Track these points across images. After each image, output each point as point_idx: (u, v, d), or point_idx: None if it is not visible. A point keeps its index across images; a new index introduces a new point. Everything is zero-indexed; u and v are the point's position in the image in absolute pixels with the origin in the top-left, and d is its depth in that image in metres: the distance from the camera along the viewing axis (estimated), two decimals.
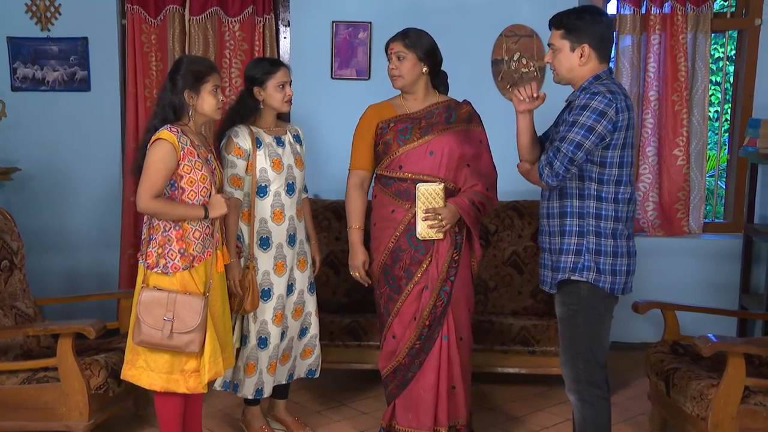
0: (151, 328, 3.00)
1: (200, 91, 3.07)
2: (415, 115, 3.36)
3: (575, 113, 2.74)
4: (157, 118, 3.08)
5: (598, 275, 2.83)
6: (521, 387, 4.33)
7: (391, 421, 3.41)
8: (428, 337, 3.28)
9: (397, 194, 3.32)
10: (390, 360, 3.37)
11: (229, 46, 4.82)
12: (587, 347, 2.89)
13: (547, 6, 4.72)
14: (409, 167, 3.29)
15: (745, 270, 4.81)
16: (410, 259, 3.29)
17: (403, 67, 3.30)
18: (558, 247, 2.89)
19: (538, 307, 4.48)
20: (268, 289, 3.47)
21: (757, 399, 3.21)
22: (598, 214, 2.82)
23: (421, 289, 3.28)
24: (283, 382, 3.64)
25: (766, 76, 4.85)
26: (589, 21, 2.84)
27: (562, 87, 4.68)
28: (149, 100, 4.83)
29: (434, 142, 3.29)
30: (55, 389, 3.38)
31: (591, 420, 2.92)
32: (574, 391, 2.96)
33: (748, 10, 4.88)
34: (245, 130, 3.42)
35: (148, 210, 3.03)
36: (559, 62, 2.89)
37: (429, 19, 4.76)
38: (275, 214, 3.46)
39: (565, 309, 2.91)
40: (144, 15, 4.80)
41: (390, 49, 3.34)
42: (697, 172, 4.90)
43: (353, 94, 4.87)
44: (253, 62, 3.59)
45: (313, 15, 4.84)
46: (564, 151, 2.72)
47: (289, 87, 3.48)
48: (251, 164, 3.39)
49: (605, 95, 2.73)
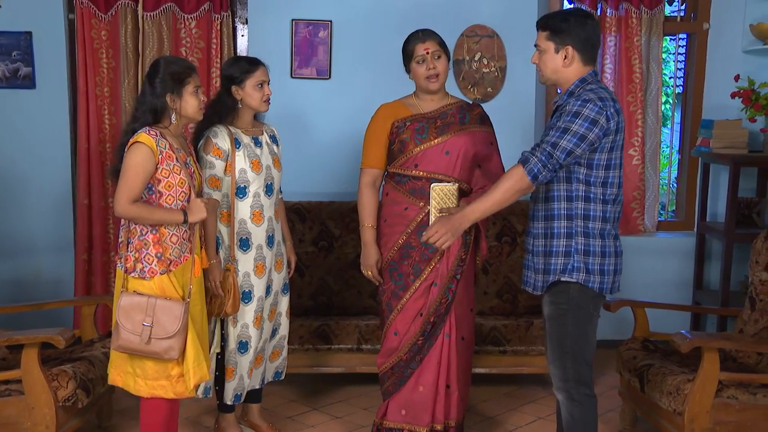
0: (129, 333, 2.92)
1: (182, 93, 3.00)
2: (430, 115, 3.37)
3: (567, 119, 2.75)
4: (137, 122, 2.99)
5: (588, 275, 2.86)
6: (491, 387, 4.33)
7: (383, 419, 3.39)
8: (431, 333, 3.29)
9: (411, 192, 3.32)
10: (389, 357, 3.35)
11: (186, 44, 4.68)
12: (576, 346, 2.91)
13: (508, 7, 4.82)
14: (425, 166, 3.30)
15: (698, 267, 4.95)
16: (420, 256, 3.30)
17: (441, 66, 3.31)
18: (547, 250, 2.89)
19: (504, 306, 4.51)
20: (249, 291, 3.39)
21: (729, 392, 3.29)
22: (586, 215, 2.85)
23: (428, 285, 3.29)
24: (257, 386, 3.55)
25: (714, 79, 4.99)
26: (574, 23, 2.86)
27: (522, 88, 4.82)
28: (101, 98, 4.66)
29: (450, 142, 3.30)
30: (19, 403, 3.20)
31: (579, 418, 2.94)
32: (561, 390, 2.97)
33: (697, 14, 5.02)
34: (224, 131, 3.34)
35: (125, 215, 2.95)
36: (544, 63, 2.91)
37: (390, 19, 4.77)
38: (255, 216, 3.39)
39: (554, 308, 2.92)
40: (94, 10, 4.61)
41: (424, 49, 3.29)
42: (652, 172, 5.02)
43: (314, 94, 4.81)
44: (230, 61, 3.53)
45: (272, 13, 4.74)
46: (556, 158, 2.74)
47: (267, 86, 3.42)
48: (230, 165, 3.31)
49: (596, 103, 2.75)
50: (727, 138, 4.61)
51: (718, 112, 4.89)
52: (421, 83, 3.33)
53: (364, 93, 4.80)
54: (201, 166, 3.27)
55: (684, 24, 5.10)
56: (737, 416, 3.27)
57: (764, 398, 3.27)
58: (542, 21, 2.94)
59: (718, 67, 4.96)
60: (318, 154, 4.81)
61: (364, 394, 4.23)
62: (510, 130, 4.77)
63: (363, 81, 4.80)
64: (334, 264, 4.50)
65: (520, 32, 4.78)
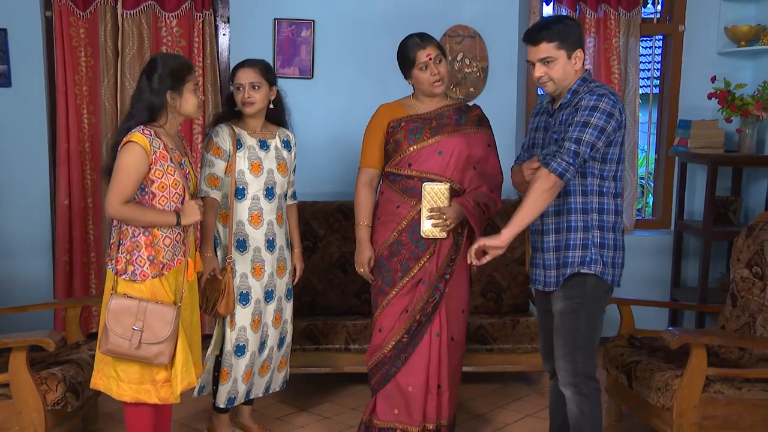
0: (118, 337, 2.85)
1: (182, 91, 2.94)
2: (426, 116, 3.39)
3: (585, 114, 2.79)
4: (132, 120, 2.93)
5: (604, 268, 2.92)
6: (477, 385, 4.36)
7: (371, 417, 3.39)
8: (417, 332, 3.30)
9: (404, 191, 3.34)
10: (374, 354, 3.37)
11: (167, 43, 4.64)
12: (587, 341, 2.95)
13: (490, 8, 4.85)
14: (418, 165, 3.32)
15: (676, 264, 5.03)
16: (409, 254, 3.32)
17: (444, 69, 3.32)
18: (562, 243, 2.93)
19: (488, 305, 4.53)
20: (246, 292, 3.38)
21: (716, 387, 3.34)
22: (600, 208, 2.91)
23: (416, 282, 3.31)
24: (260, 395, 3.54)
25: (688, 80, 5.08)
26: (573, 26, 2.91)
27: (504, 88, 4.86)
28: (80, 97, 4.60)
29: (444, 143, 3.32)
30: (6, 407, 3.14)
31: (588, 413, 2.98)
32: (570, 385, 2.99)
33: (673, 16, 5.11)
34: (226, 130, 3.34)
35: (117, 216, 2.89)
36: (555, 72, 2.88)
37: (372, 19, 4.78)
38: (252, 218, 3.37)
39: (568, 303, 2.95)
40: (72, 7, 4.55)
41: (426, 55, 3.27)
42: (630, 171, 5.09)
43: (296, 94, 4.71)
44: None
45: (254, 12, 4.72)
46: (582, 153, 2.77)
47: (248, 89, 3.34)
48: (230, 165, 3.29)
49: (609, 97, 2.81)
50: (704, 138, 4.70)
51: (691, 112, 4.98)
52: (426, 89, 3.33)
53: (347, 93, 4.81)
54: (202, 164, 3.25)
55: (660, 26, 5.18)
56: (723, 410, 3.33)
57: (749, 392, 3.33)
58: (545, 33, 2.85)
59: (692, 68, 5.05)
60: (301, 153, 4.74)
61: (352, 394, 4.23)
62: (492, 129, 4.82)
63: (346, 81, 4.80)
64: (319, 264, 4.48)
65: (502, 33, 4.84)
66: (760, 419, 3.32)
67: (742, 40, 4.81)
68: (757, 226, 3.79)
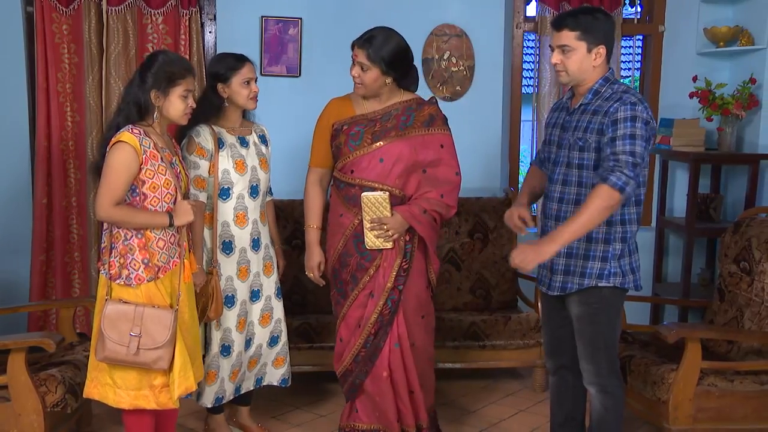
0: (115, 343, 2.78)
1: (169, 93, 2.85)
2: (372, 116, 3.25)
3: (629, 126, 2.72)
4: (121, 116, 2.86)
5: (624, 278, 2.92)
6: (467, 381, 4.39)
7: (348, 421, 3.35)
8: (374, 345, 3.23)
9: (347, 199, 3.24)
10: (339, 362, 3.33)
11: (152, 40, 4.57)
12: (608, 342, 2.98)
13: (476, 7, 4.89)
14: (359, 173, 3.20)
15: (657, 260, 5.12)
16: (356, 265, 3.24)
17: (366, 78, 3.16)
18: (583, 253, 2.90)
19: (477, 302, 4.57)
20: (232, 295, 3.34)
21: (709, 380, 3.42)
22: (623, 219, 2.88)
23: (367, 295, 3.23)
24: (251, 388, 3.51)
25: (668, 79, 5.18)
26: (604, 21, 2.84)
27: (490, 87, 4.90)
28: (63, 95, 4.51)
29: (385, 149, 3.18)
30: (5, 409, 3.08)
31: (612, 408, 3.02)
32: (595, 384, 3.01)
33: (653, 17, 5.20)
34: (207, 130, 3.27)
35: (108, 218, 2.81)
36: (572, 63, 2.83)
37: (359, 17, 4.76)
38: (238, 218, 3.32)
39: (585, 308, 2.95)
40: (54, 3, 4.46)
41: (354, 55, 3.18)
42: None
43: (283, 92, 4.77)
44: (216, 57, 3.46)
45: (241, 9, 4.68)
46: (640, 165, 2.72)
47: (254, 83, 3.36)
48: (213, 165, 3.24)
49: (642, 103, 2.77)
50: (685, 136, 4.79)
51: (671, 111, 5.06)
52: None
53: (334, 91, 4.70)
54: (186, 166, 3.17)
55: (641, 26, 5.26)
56: (717, 402, 3.40)
57: (740, 385, 3.41)
58: (570, 20, 2.81)
59: (672, 68, 5.14)
60: (288, 151, 4.76)
61: None
62: (478, 128, 4.88)
63: (333, 79, 4.71)
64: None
65: (488, 32, 4.88)
66: (751, 411, 3.41)
67: (720, 41, 4.91)
68: (744, 223, 3.88)
